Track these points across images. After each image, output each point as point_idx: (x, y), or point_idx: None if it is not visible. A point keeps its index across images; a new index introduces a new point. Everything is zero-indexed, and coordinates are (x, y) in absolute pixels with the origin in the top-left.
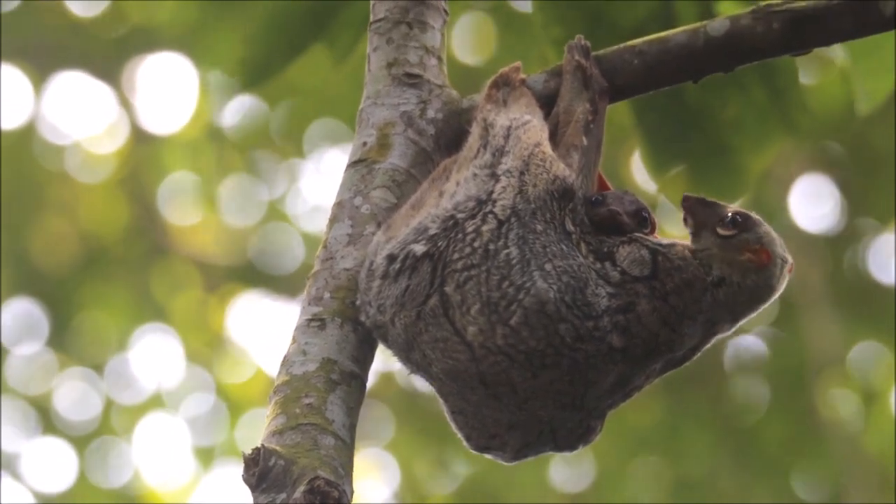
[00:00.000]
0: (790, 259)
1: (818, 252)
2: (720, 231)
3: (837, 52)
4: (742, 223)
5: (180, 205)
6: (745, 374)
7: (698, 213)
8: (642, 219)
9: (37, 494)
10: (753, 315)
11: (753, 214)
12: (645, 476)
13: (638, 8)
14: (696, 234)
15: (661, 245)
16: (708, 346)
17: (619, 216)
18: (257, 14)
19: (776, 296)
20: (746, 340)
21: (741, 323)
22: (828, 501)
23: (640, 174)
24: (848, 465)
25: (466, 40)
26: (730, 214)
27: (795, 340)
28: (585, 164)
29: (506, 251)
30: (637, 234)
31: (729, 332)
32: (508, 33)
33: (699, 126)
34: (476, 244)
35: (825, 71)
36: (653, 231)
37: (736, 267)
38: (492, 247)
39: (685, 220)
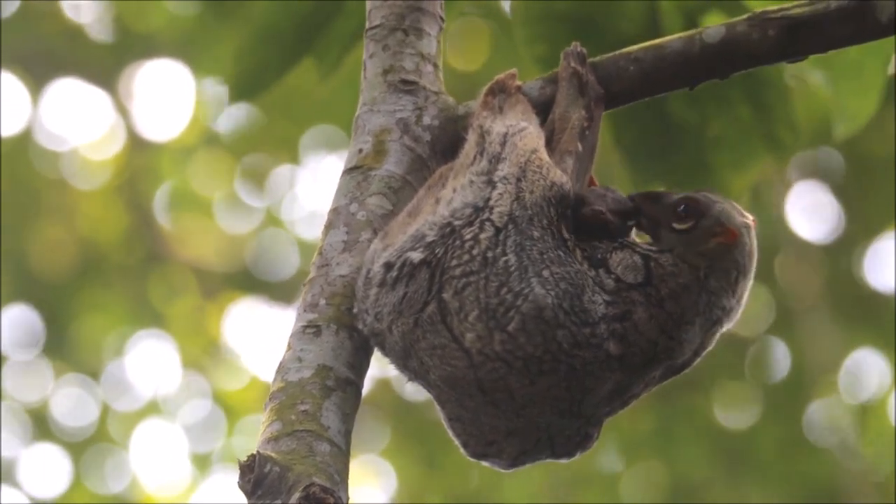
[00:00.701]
0: (749, 217)
1: (815, 259)
2: (677, 226)
3: (816, 77)
4: (694, 210)
5: (177, 211)
6: (741, 381)
7: (649, 211)
8: (626, 215)
9: (34, 501)
10: (750, 283)
11: (700, 195)
12: (640, 482)
13: (623, 25)
14: (655, 235)
15: (652, 250)
16: (711, 347)
17: (603, 215)
18: (247, 28)
19: (756, 259)
20: (742, 345)
21: (744, 301)
22: None
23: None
24: (843, 473)
25: (462, 47)
26: (681, 206)
27: (792, 347)
28: (579, 170)
29: (504, 258)
30: (628, 240)
31: (736, 318)
32: (503, 39)
33: (681, 144)
34: (475, 251)
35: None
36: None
37: (711, 255)
38: (490, 254)
39: (639, 223)
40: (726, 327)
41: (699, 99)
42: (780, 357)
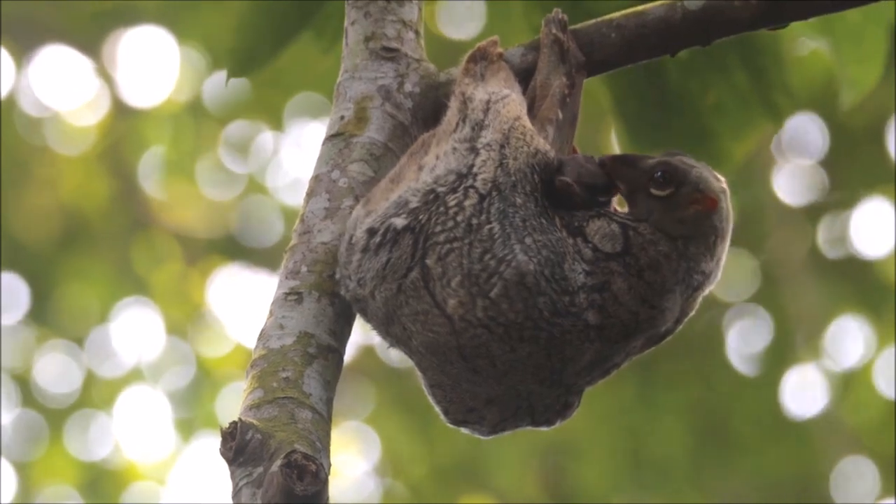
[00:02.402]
0: (723, 180)
1: (799, 225)
2: (655, 192)
3: (820, 44)
4: (672, 177)
5: (161, 178)
6: (722, 350)
7: (624, 175)
8: (597, 189)
9: (17, 465)
10: (728, 245)
11: (676, 161)
12: (620, 452)
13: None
14: (631, 200)
15: (629, 219)
16: (692, 313)
17: (570, 187)
18: (244, 2)
19: (732, 219)
20: (725, 315)
21: (722, 265)
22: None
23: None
24: (826, 440)
25: (453, 16)
26: (658, 172)
27: (776, 314)
28: (559, 138)
29: (488, 226)
30: (605, 209)
31: (715, 282)
32: (495, 7)
33: (679, 112)
34: (459, 218)
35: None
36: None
37: (689, 221)
38: (475, 221)
39: (615, 186)
40: (707, 291)
41: (697, 68)
42: (764, 324)
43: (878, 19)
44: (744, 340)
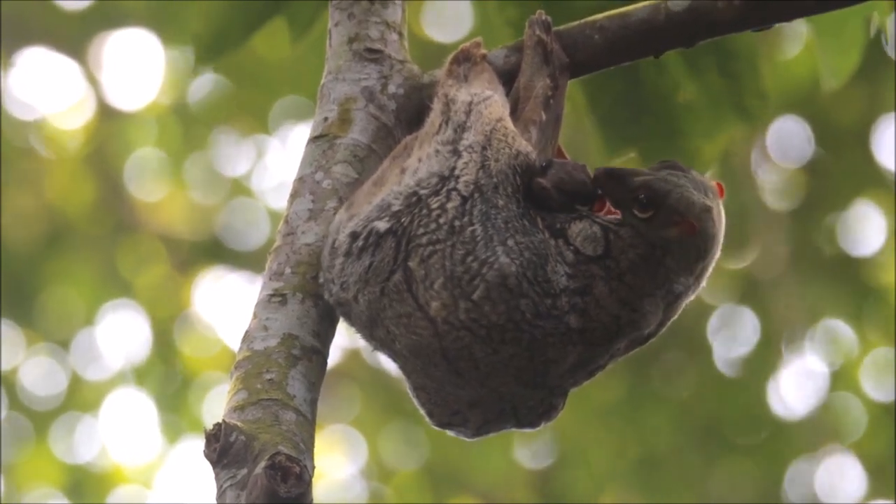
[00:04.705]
0: (712, 193)
1: (783, 227)
2: (637, 213)
3: (802, 29)
4: (653, 201)
5: (146, 181)
6: (709, 352)
7: (611, 190)
8: (576, 197)
9: (2, 467)
10: (713, 260)
11: (659, 182)
12: (608, 452)
13: None
14: (619, 211)
15: (611, 222)
16: (675, 316)
17: (545, 191)
18: None
19: (722, 235)
20: (712, 317)
21: (706, 276)
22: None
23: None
24: (812, 440)
25: (438, 18)
26: (640, 194)
27: (762, 316)
28: (542, 139)
29: (471, 228)
30: (587, 212)
31: (699, 290)
32: (481, 9)
33: (652, 111)
34: (441, 220)
35: (793, 45)
36: (601, 208)
37: (671, 241)
38: (457, 223)
39: (598, 198)
40: (689, 299)
41: (671, 67)
42: (749, 327)
43: (857, 12)
44: (730, 342)
